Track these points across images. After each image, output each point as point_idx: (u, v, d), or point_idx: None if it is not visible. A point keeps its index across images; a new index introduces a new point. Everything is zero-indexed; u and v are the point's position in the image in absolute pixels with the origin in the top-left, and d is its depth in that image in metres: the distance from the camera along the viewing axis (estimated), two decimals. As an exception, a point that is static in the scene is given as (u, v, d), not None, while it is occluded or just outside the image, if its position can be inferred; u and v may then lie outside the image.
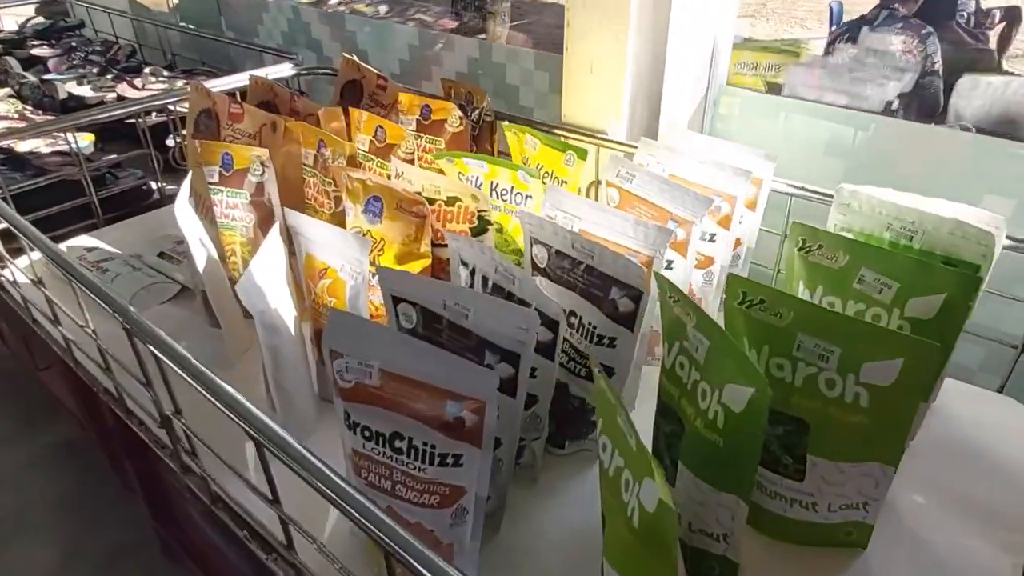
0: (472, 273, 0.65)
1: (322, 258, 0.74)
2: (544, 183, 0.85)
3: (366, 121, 0.98)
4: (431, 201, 0.78)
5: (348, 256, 0.71)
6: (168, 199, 1.28)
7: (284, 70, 1.37)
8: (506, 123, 0.95)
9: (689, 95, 1.07)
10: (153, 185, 1.32)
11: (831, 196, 0.83)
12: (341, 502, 0.46)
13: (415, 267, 0.76)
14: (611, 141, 0.98)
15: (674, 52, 1.01)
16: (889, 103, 1.08)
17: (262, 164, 0.86)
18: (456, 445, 0.53)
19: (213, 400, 0.53)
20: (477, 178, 0.86)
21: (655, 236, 0.68)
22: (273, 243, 0.70)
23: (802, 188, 0.86)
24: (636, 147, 0.89)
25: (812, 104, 1.06)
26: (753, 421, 0.50)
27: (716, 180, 0.81)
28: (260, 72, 1.31)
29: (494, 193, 0.85)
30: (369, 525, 0.44)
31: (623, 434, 0.48)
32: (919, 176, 0.94)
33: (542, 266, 0.69)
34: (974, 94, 1.05)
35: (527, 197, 0.83)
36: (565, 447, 0.73)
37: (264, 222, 0.90)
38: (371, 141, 0.98)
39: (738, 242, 0.86)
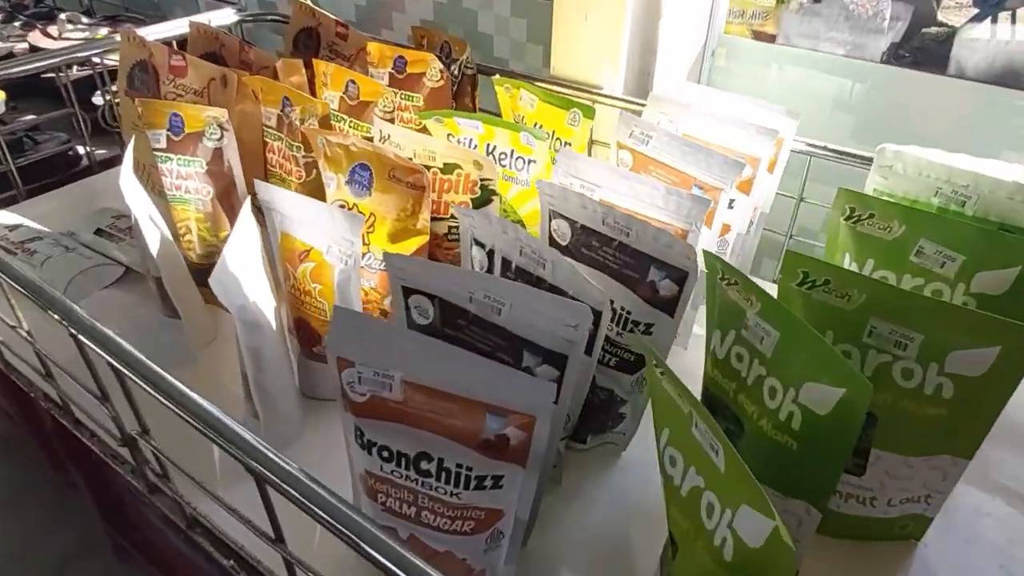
0: (490, 255, 0.56)
1: (303, 238, 0.64)
2: (552, 147, 0.75)
3: (334, 75, 0.86)
4: (425, 167, 0.67)
5: (336, 236, 0.61)
6: (100, 166, 1.13)
7: (225, 16, 1.21)
8: (496, 78, 0.85)
9: (688, 45, 0.99)
10: (80, 150, 1.16)
11: (855, 156, 0.77)
12: (367, 548, 0.37)
13: (412, 245, 0.66)
14: (614, 97, 0.89)
15: (673, -3, 0.92)
16: (886, 51, 1.02)
17: (219, 127, 0.74)
18: (497, 466, 0.45)
19: (199, 427, 0.43)
20: (470, 140, 0.76)
21: (690, 206, 0.61)
22: (246, 224, 0.59)
23: (824, 148, 0.79)
24: (644, 104, 0.81)
25: (816, 54, 1.00)
26: (843, 426, 0.44)
27: (738, 140, 0.74)
28: (200, 18, 1.16)
29: (491, 158, 0.76)
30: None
31: (702, 450, 0.41)
32: (934, 131, 0.89)
33: (564, 244, 0.61)
34: (976, 45, 1.00)
35: (530, 162, 0.74)
36: (587, 442, 0.66)
37: (224, 194, 0.78)
38: (342, 98, 0.86)
39: (753, 208, 0.80)
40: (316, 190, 0.80)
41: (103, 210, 0.97)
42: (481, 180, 0.68)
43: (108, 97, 1.09)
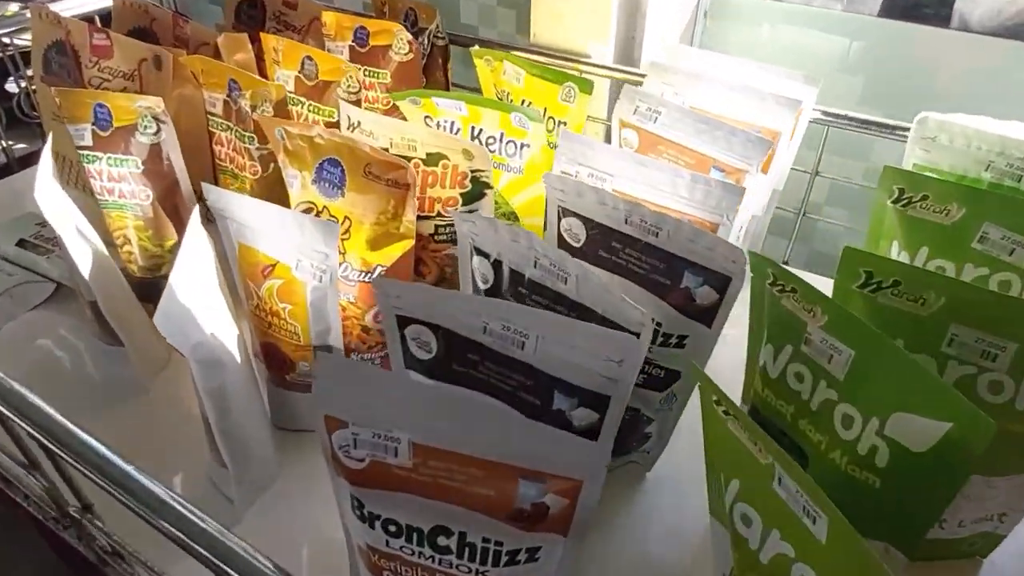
0: (496, 266, 0.47)
1: (266, 250, 0.53)
2: (550, 130, 0.66)
3: (286, 51, 0.75)
4: (404, 159, 0.58)
5: (306, 248, 0.51)
6: (19, 163, 0.99)
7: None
8: (475, 49, 0.75)
9: (676, 5, 0.90)
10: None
11: (882, 126, 0.70)
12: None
13: (395, 251, 0.56)
14: (609, 68, 0.80)
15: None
16: (883, 4, 0.95)
17: (155, 119, 0.62)
18: (533, 538, 0.36)
19: (143, 514, 0.33)
20: (452, 124, 0.66)
21: (720, 196, 0.52)
22: (195, 241, 0.48)
23: (846, 118, 0.71)
24: (643, 74, 0.72)
25: (812, 9, 0.92)
26: (947, 465, 0.37)
27: (755, 112, 0.66)
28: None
29: (477, 143, 0.66)
30: None
31: (791, 513, 0.34)
32: (954, 92, 0.82)
33: (577, 246, 0.52)
34: (981, -6, 0.93)
35: (523, 146, 0.64)
36: (608, 463, 0.58)
37: (166, 197, 0.66)
38: (298, 78, 0.75)
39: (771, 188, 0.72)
40: (276, 185, 0.70)
41: (26, 216, 0.84)
42: (472, 172, 0.58)
43: (24, 83, 0.95)
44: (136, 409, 0.64)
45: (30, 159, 1.00)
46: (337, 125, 0.72)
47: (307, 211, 0.58)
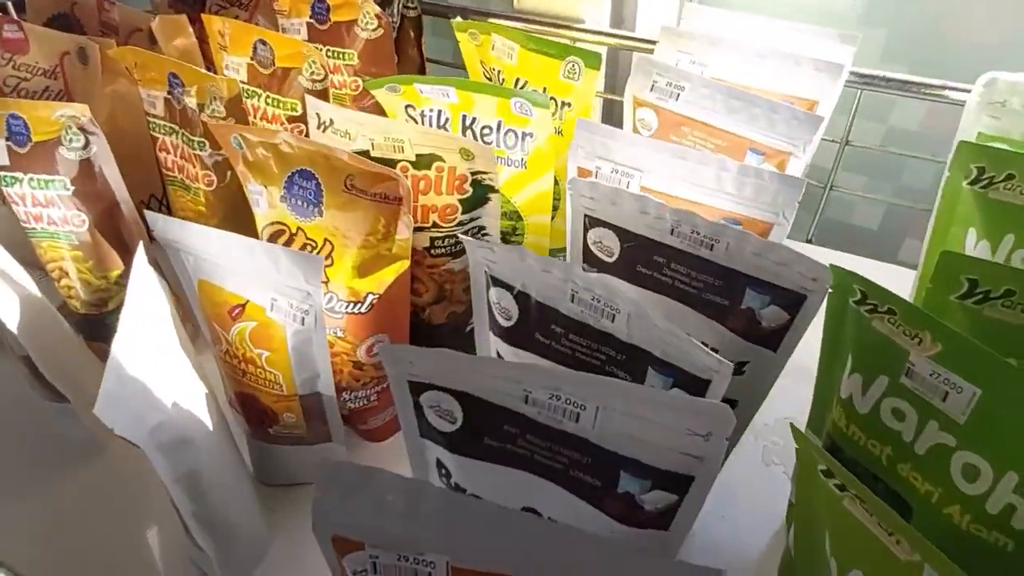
0: (521, 301, 0.38)
1: (234, 289, 0.44)
2: (554, 113, 0.57)
3: (235, 34, 0.64)
4: (388, 163, 0.48)
5: (283, 286, 0.42)
6: None
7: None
8: (458, 21, 0.64)
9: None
10: None
11: (931, 88, 0.62)
12: None
13: (388, 276, 0.47)
14: (615, 35, 0.70)
15: None
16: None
17: (82, 130, 0.52)
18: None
19: None
20: (439, 114, 0.57)
21: (777, 191, 0.44)
22: (141, 292, 0.39)
23: (882, 79, 0.63)
24: (655, 41, 0.62)
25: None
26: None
27: (791, 81, 0.57)
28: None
29: (469, 133, 0.56)
30: None
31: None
32: (992, 43, 0.74)
33: (609, 260, 0.43)
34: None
35: (524, 136, 0.55)
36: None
37: (105, 219, 0.56)
38: (250, 66, 0.64)
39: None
40: (237, 195, 0.60)
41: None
42: (473, 174, 0.49)
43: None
44: (94, 471, 0.55)
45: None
46: (302, 120, 0.62)
47: (277, 233, 0.48)
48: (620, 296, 0.34)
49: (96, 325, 0.59)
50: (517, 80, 0.62)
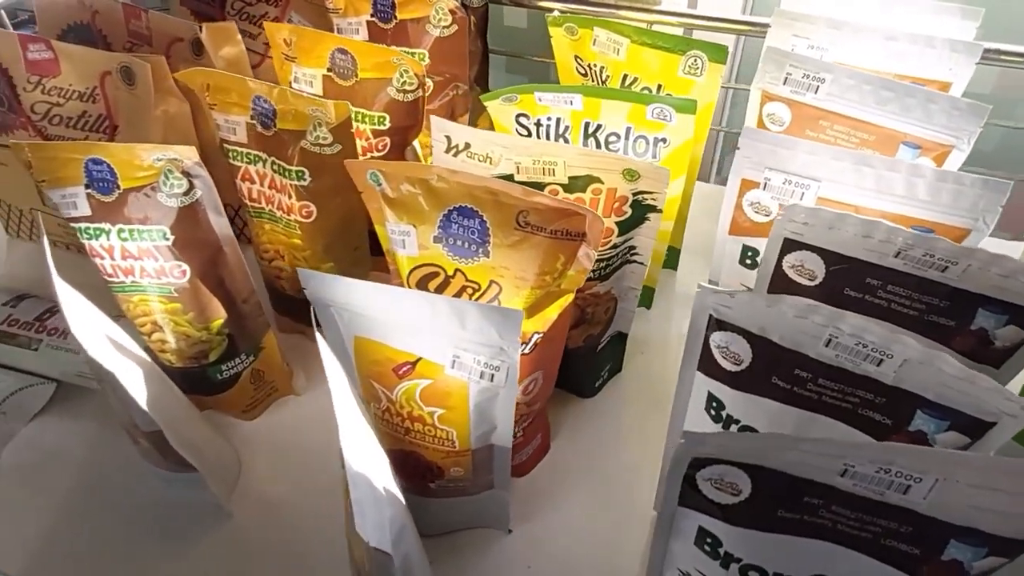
0: (756, 343, 0.35)
1: (402, 346, 0.40)
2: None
3: (307, 43, 0.58)
4: (535, 187, 0.44)
5: (470, 342, 0.38)
6: None
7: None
8: (553, 16, 0.59)
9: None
10: None
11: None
12: None
13: (553, 312, 0.43)
14: (715, 19, 0.65)
15: None
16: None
17: (186, 173, 0.46)
18: None
19: None
20: (558, 122, 0.52)
21: (978, 196, 0.42)
22: (340, 391, 0.34)
23: (1017, 54, 0.60)
24: (766, 25, 0.59)
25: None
26: None
27: (920, 63, 0.54)
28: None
29: (592, 141, 0.52)
30: None
31: None
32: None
33: (811, 284, 0.41)
34: None
35: (657, 143, 0.51)
36: None
37: (207, 266, 0.50)
38: (327, 78, 0.58)
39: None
40: (336, 227, 0.55)
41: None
42: (635, 194, 0.45)
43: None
44: (222, 537, 0.50)
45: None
46: (388, 134, 0.57)
47: (430, 276, 0.44)
48: (894, 339, 0.32)
49: (195, 378, 0.54)
50: (625, 76, 0.58)
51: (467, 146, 0.46)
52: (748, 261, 0.52)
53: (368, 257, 0.58)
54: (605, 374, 0.57)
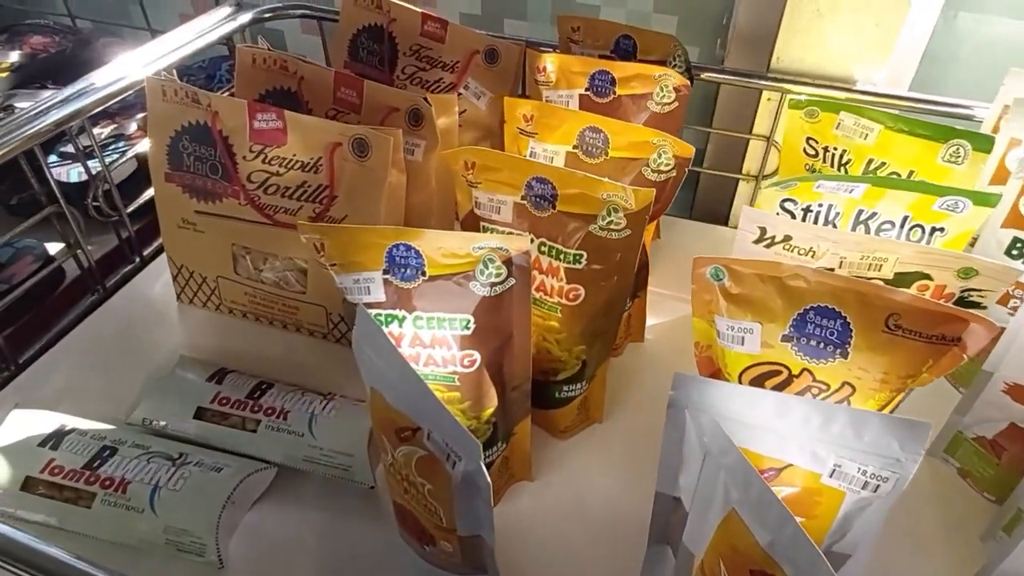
0: None
1: (774, 453, 0.38)
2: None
3: (552, 119, 0.57)
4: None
5: (858, 451, 0.36)
6: (102, 273, 0.74)
7: (229, 19, 0.82)
8: (796, 99, 0.59)
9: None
10: (82, 262, 0.72)
11: None
12: None
13: (892, 406, 0.42)
14: (949, 104, 0.66)
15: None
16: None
17: (508, 263, 0.44)
18: None
19: None
20: (829, 208, 0.52)
21: None
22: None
23: None
24: (976, 107, 0.60)
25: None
26: None
27: None
28: (200, 24, 0.78)
29: (861, 227, 0.52)
30: None
31: None
32: None
33: None
34: None
35: (933, 232, 0.51)
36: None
37: (495, 354, 0.47)
38: (570, 154, 0.57)
39: None
40: (597, 308, 0.53)
41: (185, 366, 0.62)
42: (963, 292, 0.44)
43: (100, 176, 0.70)
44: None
45: (111, 263, 0.75)
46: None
47: (769, 375, 0.42)
48: None
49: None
50: (870, 161, 0.58)
51: (786, 239, 0.45)
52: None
53: (612, 342, 0.56)
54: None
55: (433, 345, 0.46)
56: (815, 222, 0.52)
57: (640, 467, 0.54)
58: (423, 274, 0.44)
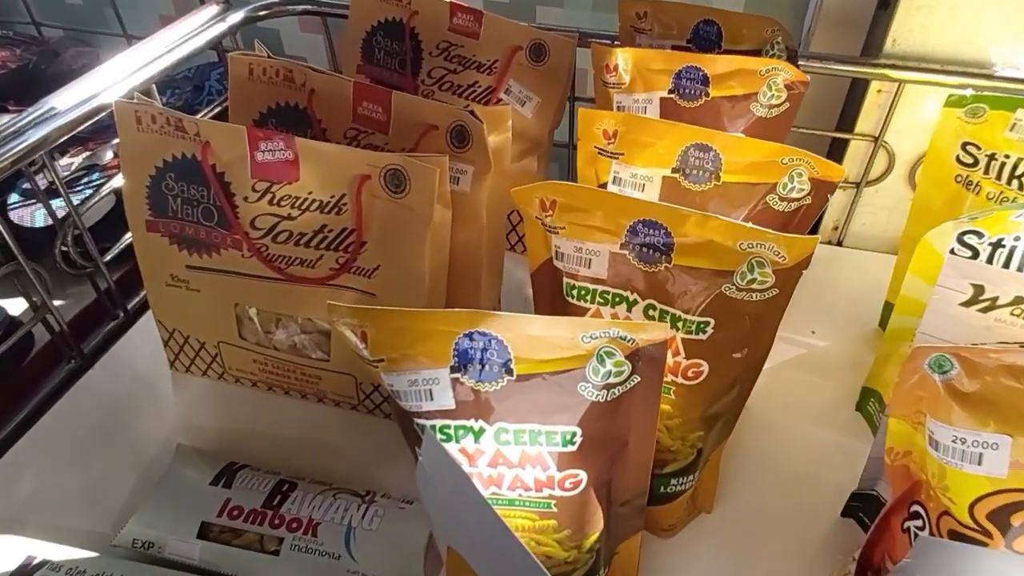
0: None
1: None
2: None
3: (639, 135, 0.44)
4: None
5: None
6: (101, 344, 0.60)
7: (210, 19, 0.68)
8: (956, 96, 0.46)
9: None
10: (52, 326, 0.59)
11: None
12: None
13: None
14: None
15: None
16: None
17: (632, 358, 0.31)
18: None
19: None
20: (1000, 241, 0.39)
21: None
22: None
23: None
24: None
25: None
26: None
27: None
28: (184, 28, 0.64)
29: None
30: None
31: None
32: None
33: None
34: None
35: None
36: None
37: (605, 469, 0.35)
38: (669, 180, 0.44)
39: None
40: (718, 389, 0.40)
41: (171, 447, 0.49)
42: None
43: (72, 216, 0.57)
44: None
45: (91, 323, 0.62)
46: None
47: (1017, 507, 0.29)
48: None
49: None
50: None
51: (1017, 301, 0.32)
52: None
53: (734, 423, 0.44)
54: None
55: (523, 465, 0.33)
56: (1006, 263, 0.39)
57: (760, 566, 0.42)
58: (509, 372, 0.31)
